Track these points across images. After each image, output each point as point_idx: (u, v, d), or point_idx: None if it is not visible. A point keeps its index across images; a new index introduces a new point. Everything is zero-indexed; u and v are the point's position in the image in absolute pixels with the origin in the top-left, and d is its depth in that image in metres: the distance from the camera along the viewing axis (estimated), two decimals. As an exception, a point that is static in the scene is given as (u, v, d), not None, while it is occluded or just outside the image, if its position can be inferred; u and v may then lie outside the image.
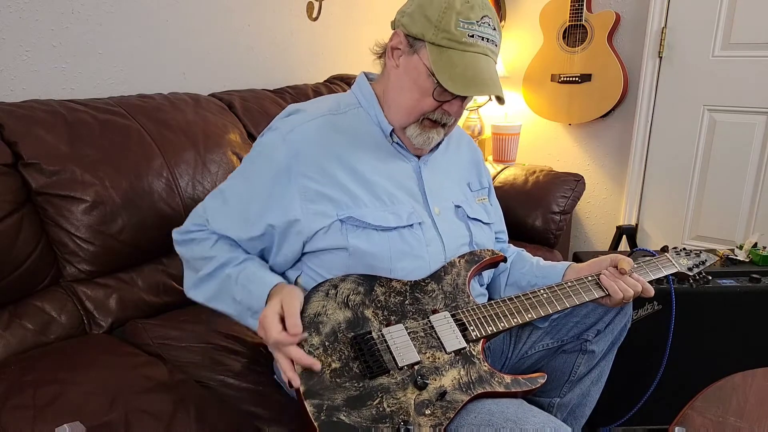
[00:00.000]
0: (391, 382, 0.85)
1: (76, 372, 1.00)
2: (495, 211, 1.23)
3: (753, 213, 2.25)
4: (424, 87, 0.96)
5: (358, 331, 0.89)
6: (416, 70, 0.96)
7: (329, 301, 0.91)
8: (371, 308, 0.92)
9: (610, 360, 1.21)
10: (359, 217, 0.97)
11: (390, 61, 1.02)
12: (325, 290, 0.92)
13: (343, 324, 0.89)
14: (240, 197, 1.02)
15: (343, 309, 0.91)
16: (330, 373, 0.84)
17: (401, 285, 0.96)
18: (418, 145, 1.03)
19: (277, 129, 1.00)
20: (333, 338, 0.87)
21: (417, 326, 0.93)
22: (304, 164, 0.97)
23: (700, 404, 1.08)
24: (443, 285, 0.99)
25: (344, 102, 1.07)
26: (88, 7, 1.50)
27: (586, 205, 2.67)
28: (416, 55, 0.96)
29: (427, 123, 1.00)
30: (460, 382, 0.89)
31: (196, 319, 1.29)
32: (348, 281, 0.94)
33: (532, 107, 2.62)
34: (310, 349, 0.85)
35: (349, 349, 0.87)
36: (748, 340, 1.51)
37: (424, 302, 0.96)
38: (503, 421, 0.85)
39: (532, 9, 2.59)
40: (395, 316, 0.93)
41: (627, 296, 1.04)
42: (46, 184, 1.20)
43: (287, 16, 2.07)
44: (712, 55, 2.22)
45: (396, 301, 0.94)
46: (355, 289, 0.93)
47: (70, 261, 1.25)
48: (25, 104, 1.27)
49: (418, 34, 0.95)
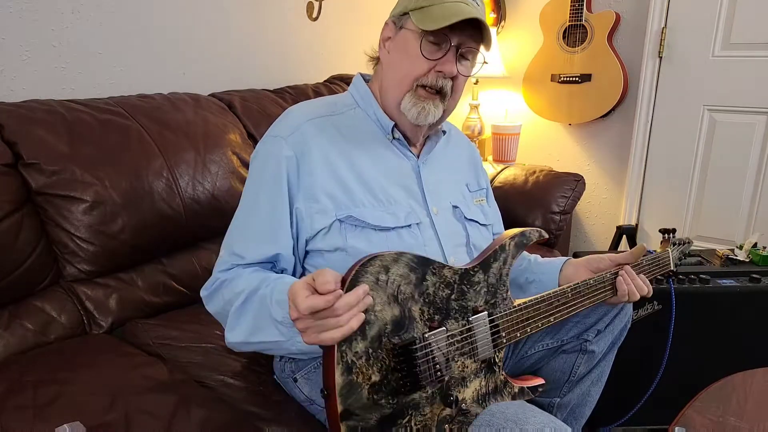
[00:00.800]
0: (422, 397, 0.80)
1: (76, 372, 1.00)
2: (493, 213, 1.24)
3: (753, 213, 2.25)
4: (413, 52, 0.97)
5: (402, 336, 0.79)
6: (404, 40, 0.99)
7: (379, 291, 0.77)
8: (419, 304, 0.82)
9: (610, 360, 1.21)
10: (358, 216, 0.96)
11: (382, 53, 1.04)
12: (375, 273, 0.76)
13: (389, 326, 0.78)
14: (260, 214, 0.97)
15: (391, 305, 0.78)
16: (368, 389, 0.75)
17: (452, 274, 0.87)
18: (413, 118, 1.00)
19: (277, 135, 1.00)
20: (377, 344, 0.76)
21: (456, 328, 0.86)
22: (309, 162, 0.97)
23: (700, 404, 1.08)
24: (489, 275, 0.93)
25: (341, 103, 1.07)
26: (88, 7, 1.50)
27: (586, 205, 2.67)
28: (403, 29, 0.99)
29: (421, 92, 0.99)
30: (479, 394, 0.87)
31: (196, 319, 1.29)
32: (401, 264, 0.80)
33: (532, 107, 2.62)
34: (353, 358, 0.74)
35: (390, 358, 0.77)
36: (748, 340, 1.51)
37: (468, 297, 0.89)
38: (504, 421, 0.85)
39: (532, 9, 2.59)
40: (439, 315, 0.84)
41: (632, 299, 1.08)
42: (46, 184, 1.20)
43: (287, 16, 2.07)
44: (712, 55, 2.22)
45: (443, 296, 0.85)
46: (407, 277, 0.80)
47: (70, 261, 1.25)
48: (25, 104, 1.27)
49: (401, 11, 0.99)
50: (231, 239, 0.99)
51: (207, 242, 1.51)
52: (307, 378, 1.04)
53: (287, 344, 0.83)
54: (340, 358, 0.72)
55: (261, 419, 1.03)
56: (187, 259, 1.45)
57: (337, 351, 0.72)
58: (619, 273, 1.09)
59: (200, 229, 1.47)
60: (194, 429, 0.90)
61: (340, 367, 0.72)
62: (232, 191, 1.51)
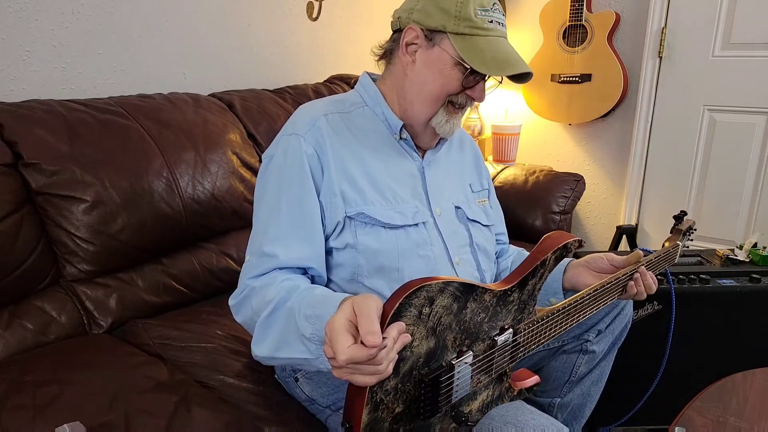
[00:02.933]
0: (437, 417, 0.78)
1: (76, 372, 0.99)
2: (496, 213, 1.23)
3: (753, 213, 2.25)
4: (450, 75, 0.97)
5: (432, 366, 0.76)
6: (440, 61, 0.97)
7: (420, 326, 0.72)
8: (454, 332, 0.78)
9: (611, 360, 1.21)
10: (369, 213, 0.96)
11: (404, 58, 1.00)
12: (419, 307, 0.71)
13: (422, 359, 0.74)
14: (288, 212, 0.94)
15: (429, 338, 0.74)
16: (391, 421, 0.72)
17: (491, 297, 0.83)
18: (444, 133, 1.03)
19: (293, 133, 0.98)
20: (407, 379, 0.73)
21: (481, 349, 0.83)
22: (326, 158, 0.97)
23: (700, 404, 1.08)
24: (524, 293, 0.89)
25: (349, 101, 1.07)
26: (88, 7, 1.50)
27: (586, 205, 2.67)
28: (437, 46, 0.97)
29: (451, 108, 1.01)
30: (484, 403, 0.86)
31: (196, 319, 1.29)
32: (446, 294, 0.75)
33: (532, 107, 2.62)
34: (383, 396, 0.70)
35: (415, 388, 0.74)
36: (748, 340, 1.51)
37: (499, 318, 0.86)
38: (503, 424, 0.85)
39: (532, 9, 2.59)
40: (469, 339, 0.81)
41: (640, 298, 1.09)
42: (46, 184, 1.20)
43: (287, 16, 2.07)
44: (712, 55, 2.22)
45: (477, 320, 0.82)
46: (449, 307, 0.76)
47: (70, 261, 1.25)
48: (25, 104, 1.27)
49: (437, 26, 0.96)
50: (257, 242, 0.94)
51: (207, 242, 1.51)
52: (308, 377, 1.04)
53: (316, 362, 0.76)
54: (369, 398, 0.69)
55: (261, 419, 1.02)
56: (187, 259, 1.45)
57: (368, 392, 0.68)
58: (634, 276, 1.08)
59: (200, 228, 1.47)
60: (194, 429, 0.90)
61: (369, 407, 0.69)
62: (232, 191, 1.51)
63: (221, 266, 1.50)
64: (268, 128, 1.71)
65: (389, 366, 0.65)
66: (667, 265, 1.24)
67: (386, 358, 0.64)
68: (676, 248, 1.25)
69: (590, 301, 1.02)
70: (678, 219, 1.32)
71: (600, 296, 1.04)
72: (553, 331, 0.96)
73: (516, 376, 0.95)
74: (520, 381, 0.94)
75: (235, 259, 1.54)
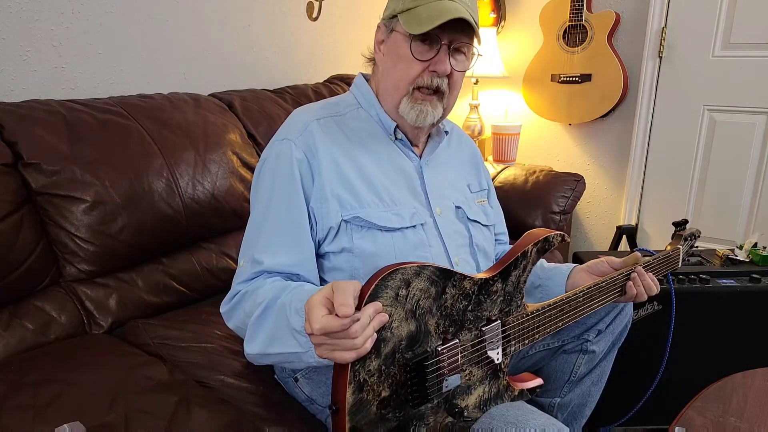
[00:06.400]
0: (428, 407, 0.80)
1: (76, 372, 0.99)
2: (496, 213, 1.23)
3: (753, 213, 2.25)
4: (405, 54, 0.96)
5: (416, 350, 0.78)
6: (395, 43, 0.98)
7: (398, 307, 0.74)
8: (435, 317, 0.80)
9: (611, 360, 1.21)
10: (365, 216, 0.96)
11: (378, 55, 1.04)
12: (395, 288, 0.74)
13: (404, 342, 0.76)
14: (276, 218, 0.95)
15: (409, 321, 0.76)
16: (377, 405, 0.74)
17: (471, 285, 0.85)
18: (412, 120, 0.99)
19: (285, 138, 0.99)
20: (391, 361, 0.75)
21: (468, 339, 0.85)
22: (317, 163, 0.97)
23: (700, 404, 1.08)
24: (507, 284, 0.91)
25: (344, 103, 1.07)
26: (88, 7, 1.50)
27: (586, 205, 2.67)
28: (393, 32, 0.99)
29: (418, 94, 0.98)
30: (481, 400, 0.87)
31: (196, 319, 1.29)
32: (422, 277, 0.77)
33: (532, 107, 2.62)
34: (366, 376, 0.72)
35: (401, 373, 0.76)
36: (748, 340, 1.51)
37: (484, 307, 0.87)
38: (503, 424, 0.85)
39: (532, 9, 2.59)
40: (454, 327, 0.83)
41: (641, 300, 1.09)
42: (46, 184, 1.20)
43: (287, 16, 2.07)
44: (712, 55, 2.22)
45: (460, 308, 0.83)
46: (427, 291, 0.78)
47: (70, 261, 1.25)
48: (25, 104, 1.27)
49: (390, 13, 0.99)
50: (248, 247, 0.96)
51: (207, 242, 1.51)
52: (308, 377, 1.04)
53: (306, 356, 0.79)
54: (352, 377, 0.71)
55: (261, 419, 1.02)
56: (187, 259, 1.45)
57: (351, 370, 0.70)
58: (631, 276, 1.09)
59: (200, 229, 1.47)
60: (194, 429, 0.90)
61: (352, 386, 0.71)
62: (232, 191, 1.51)
63: (221, 266, 1.50)
64: (268, 128, 1.71)
65: (367, 342, 0.68)
66: (669, 269, 1.23)
67: (362, 333, 0.67)
68: (676, 251, 1.25)
69: (585, 299, 1.02)
70: (678, 225, 1.32)
71: (595, 295, 1.04)
72: (547, 328, 0.97)
73: (519, 378, 0.95)
74: (521, 382, 0.95)
75: (235, 259, 1.53)
